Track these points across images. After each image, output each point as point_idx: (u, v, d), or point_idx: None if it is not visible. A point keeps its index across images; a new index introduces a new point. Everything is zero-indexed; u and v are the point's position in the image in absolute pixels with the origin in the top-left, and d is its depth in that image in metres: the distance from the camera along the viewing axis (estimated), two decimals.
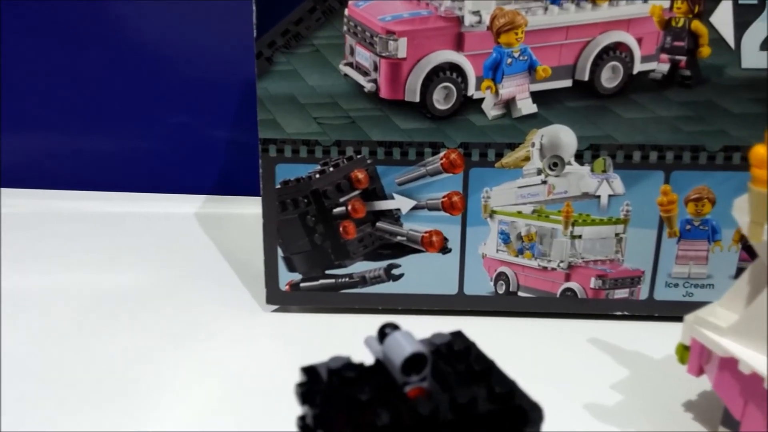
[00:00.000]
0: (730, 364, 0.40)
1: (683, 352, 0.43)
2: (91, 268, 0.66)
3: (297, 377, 0.34)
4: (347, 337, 0.54)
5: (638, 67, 0.52)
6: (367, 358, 0.35)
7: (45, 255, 0.68)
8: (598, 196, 0.54)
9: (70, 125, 0.83)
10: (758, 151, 0.36)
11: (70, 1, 0.77)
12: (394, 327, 0.34)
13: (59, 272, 0.65)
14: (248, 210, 0.75)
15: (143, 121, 0.82)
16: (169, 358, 0.53)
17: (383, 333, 0.34)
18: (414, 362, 0.32)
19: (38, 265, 0.66)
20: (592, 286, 0.56)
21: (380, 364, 0.33)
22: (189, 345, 0.54)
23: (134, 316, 0.58)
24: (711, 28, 0.51)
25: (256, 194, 0.56)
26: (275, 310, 0.59)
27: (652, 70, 0.52)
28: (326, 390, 0.33)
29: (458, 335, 0.36)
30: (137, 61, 0.80)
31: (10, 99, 0.82)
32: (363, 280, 0.57)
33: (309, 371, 0.34)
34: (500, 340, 0.54)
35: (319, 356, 0.52)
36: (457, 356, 0.34)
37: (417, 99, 0.53)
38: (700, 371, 0.43)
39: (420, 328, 0.55)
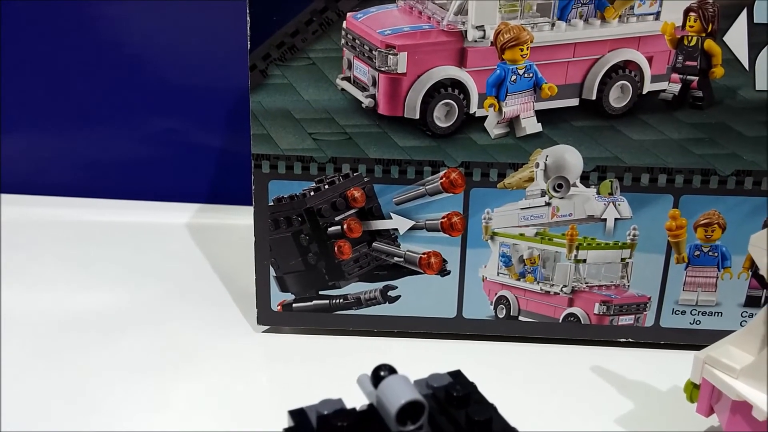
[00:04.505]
0: (743, 407, 0.38)
1: (693, 390, 0.42)
2: (71, 282, 0.64)
3: (287, 405, 0.33)
4: (341, 361, 0.54)
5: (648, 86, 0.51)
6: (360, 394, 0.33)
7: (24, 265, 0.66)
8: (604, 220, 0.53)
9: (58, 131, 0.81)
10: None
11: (63, 4, 0.76)
12: (390, 370, 0.32)
13: (35, 288, 0.63)
14: (242, 221, 0.73)
15: (134, 127, 0.81)
16: (152, 380, 0.51)
17: (378, 376, 0.32)
18: (410, 410, 0.30)
19: (18, 276, 0.64)
20: (596, 311, 0.55)
21: (373, 410, 0.32)
22: (174, 367, 0.53)
23: (118, 333, 0.56)
24: (725, 47, 0.49)
25: (251, 204, 0.54)
26: (266, 331, 0.57)
27: (663, 90, 0.51)
28: None
29: (457, 376, 0.34)
30: (129, 67, 0.78)
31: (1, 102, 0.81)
32: (358, 302, 0.56)
33: (297, 415, 0.32)
34: (499, 366, 0.54)
35: (310, 381, 0.51)
36: (456, 402, 0.32)
37: (417, 116, 0.51)
38: (709, 411, 0.41)
39: (416, 353, 0.55)
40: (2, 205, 0.78)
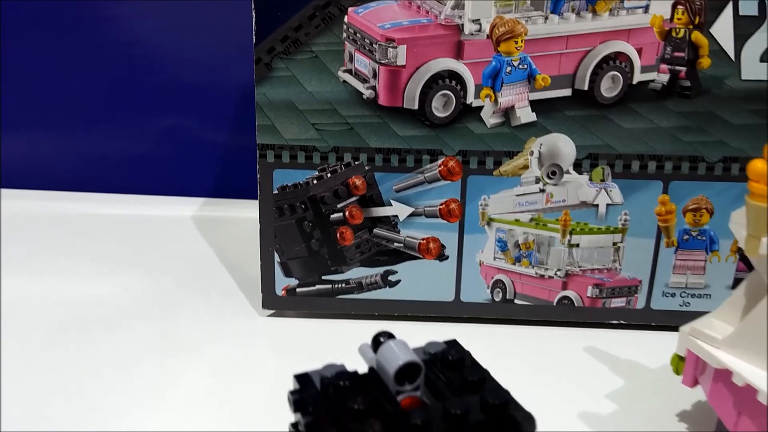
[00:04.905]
0: (724, 375, 0.40)
1: (678, 362, 0.43)
2: (85, 271, 0.65)
3: (291, 383, 0.34)
4: (343, 343, 0.54)
5: (638, 77, 0.52)
6: (361, 365, 0.35)
7: (34, 258, 0.68)
8: (597, 205, 0.54)
9: (66, 126, 0.82)
10: (756, 165, 0.36)
11: (64, 4, 0.77)
12: (389, 335, 0.34)
13: (48, 277, 0.64)
14: (246, 213, 0.75)
15: (141, 125, 0.82)
16: (163, 362, 0.53)
17: (377, 341, 0.34)
18: (407, 371, 0.32)
19: (26, 269, 0.65)
20: (588, 294, 0.56)
21: (374, 373, 0.33)
22: (183, 349, 0.54)
23: (129, 320, 0.58)
24: (711, 39, 0.51)
25: (256, 197, 0.55)
26: (271, 315, 0.59)
27: (652, 80, 0.52)
28: (319, 398, 0.33)
29: (453, 344, 0.36)
30: (136, 62, 0.79)
31: (7, 99, 0.81)
32: (359, 286, 0.57)
33: (302, 378, 0.34)
34: (496, 348, 0.54)
35: (314, 362, 0.52)
36: (451, 366, 0.34)
37: (416, 106, 0.53)
38: (694, 382, 0.43)
39: (416, 335, 0.55)
40: (9, 200, 0.79)
